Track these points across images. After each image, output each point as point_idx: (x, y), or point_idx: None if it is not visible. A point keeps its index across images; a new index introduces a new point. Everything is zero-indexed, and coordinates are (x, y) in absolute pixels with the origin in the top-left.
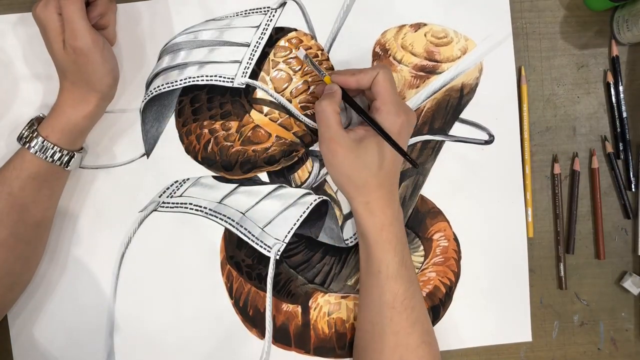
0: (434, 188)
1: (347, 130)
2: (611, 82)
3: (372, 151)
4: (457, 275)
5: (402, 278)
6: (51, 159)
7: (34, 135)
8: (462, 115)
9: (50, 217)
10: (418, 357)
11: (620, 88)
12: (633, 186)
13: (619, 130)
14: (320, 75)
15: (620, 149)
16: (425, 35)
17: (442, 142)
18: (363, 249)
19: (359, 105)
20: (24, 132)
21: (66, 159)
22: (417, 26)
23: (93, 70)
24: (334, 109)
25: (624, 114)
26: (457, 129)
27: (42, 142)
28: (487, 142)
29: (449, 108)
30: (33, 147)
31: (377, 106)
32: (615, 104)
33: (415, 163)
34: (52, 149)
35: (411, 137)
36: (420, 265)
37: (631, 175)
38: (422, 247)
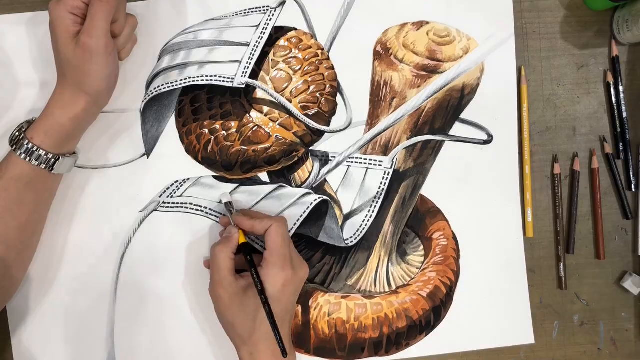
0: (434, 188)
1: (238, 277)
2: (611, 82)
3: (254, 303)
4: (457, 274)
5: None
6: (35, 162)
7: (21, 137)
8: (462, 115)
9: (36, 222)
10: None
11: (620, 88)
12: (633, 186)
13: (619, 130)
14: (231, 215)
15: (620, 149)
16: (427, 33)
17: (442, 142)
18: None
19: (251, 257)
20: (14, 133)
21: (51, 162)
22: (420, 24)
23: (90, 70)
24: (226, 255)
25: (624, 114)
26: (457, 129)
27: (27, 144)
28: (486, 142)
29: (450, 108)
30: (19, 149)
31: (265, 257)
32: (615, 104)
33: (284, 351)
34: (37, 151)
35: (412, 138)
36: (421, 265)
37: (631, 176)
38: (422, 247)
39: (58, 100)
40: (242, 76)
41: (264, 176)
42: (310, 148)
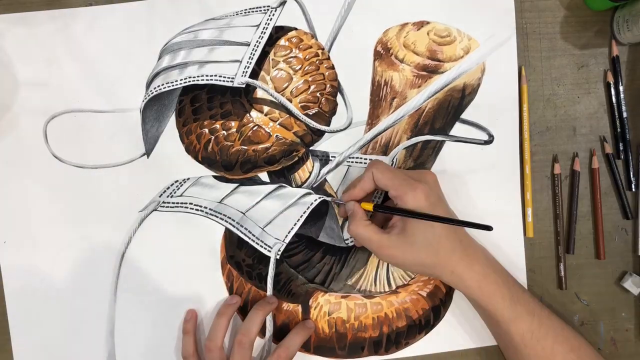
0: None
1: (389, 230)
2: (611, 82)
3: (419, 233)
4: None
5: (519, 316)
6: None
7: None
8: (463, 115)
9: None
10: None
11: (621, 88)
12: (633, 186)
13: (619, 130)
14: (337, 202)
15: (621, 149)
16: (428, 33)
17: (443, 142)
18: (476, 307)
19: (378, 205)
20: None
21: None
22: (420, 24)
23: None
24: (363, 225)
25: (624, 114)
26: (457, 129)
27: None
28: (486, 143)
29: (450, 108)
30: None
31: (392, 195)
32: (615, 104)
33: (484, 226)
34: None
35: (412, 138)
36: None
37: (631, 176)
38: None
39: None
40: (242, 76)
41: (264, 176)
42: (311, 148)
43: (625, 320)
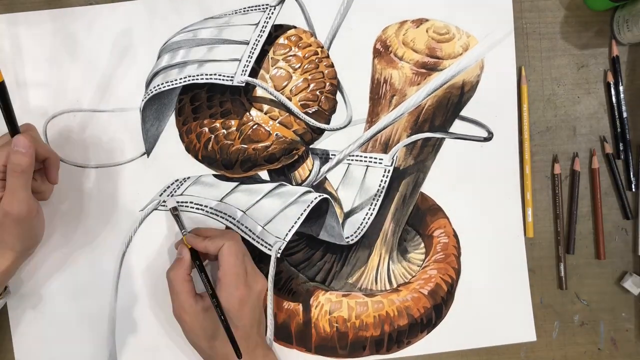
0: (434, 185)
1: (198, 299)
2: (611, 82)
3: (217, 322)
4: (458, 272)
5: None
6: None
7: None
8: (462, 113)
9: None
10: None
11: (621, 88)
12: (633, 186)
13: (619, 130)
14: (182, 232)
15: (621, 149)
16: (427, 31)
17: (442, 139)
18: None
19: (206, 275)
20: None
21: None
22: (419, 22)
23: (17, 234)
24: (182, 278)
25: (624, 114)
26: (457, 126)
27: None
28: (486, 140)
29: (450, 105)
30: None
31: (219, 276)
32: (615, 104)
33: (239, 353)
34: None
35: (412, 135)
36: (421, 262)
37: (631, 176)
38: (422, 245)
39: None
40: (241, 74)
41: (264, 174)
42: (311, 146)
43: (625, 320)
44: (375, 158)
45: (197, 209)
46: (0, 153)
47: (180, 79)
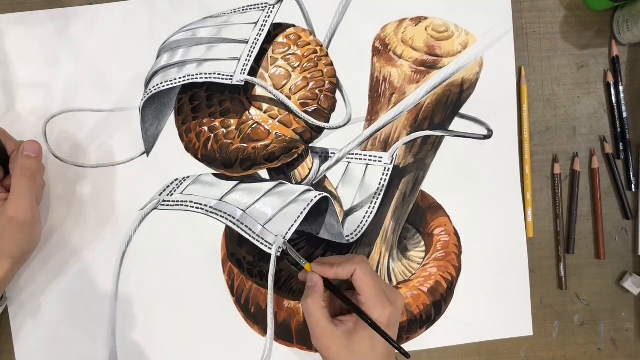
0: (434, 183)
1: (337, 323)
2: (611, 82)
3: (364, 344)
4: (458, 269)
5: None
6: None
7: None
8: (461, 110)
9: None
10: None
11: (621, 88)
12: (633, 186)
13: (619, 130)
14: (301, 263)
15: (621, 149)
16: (426, 29)
17: (442, 137)
18: None
19: (346, 297)
20: None
21: None
22: (418, 20)
23: (17, 240)
24: (319, 305)
25: (624, 114)
26: (456, 124)
27: None
28: (485, 137)
29: (449, 103)
30: None
31: (361, 300)
32: (615, 104)
33: (407, 354)
34: None
35: (412, 133)
36: (421, 260)
37: (631, 176)
38: (422, 243)
39: None
40: (241, 73)
41: (264, 173)
42: (310, 145)
43: (625, 320)
44: (375, 156)
45: (197, 208)
46: None
47: (180, 78)
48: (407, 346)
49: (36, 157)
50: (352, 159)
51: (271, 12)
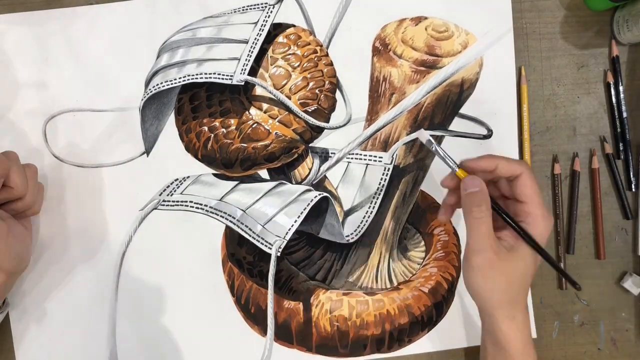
0: (434, 183)
1: (497, 238)
2: (611, 82)
3: (524, 263)
4: (458, 269)
5: None
6: None
7: None
8: (461, 110)
9: None
10: None
11: (621, 88)
12: (633, 186)
13: (619, 130)
14: (452, 167)
15: (621, 149)
16: (426, 29)
17: (442, 137)
18: (497, 358)
19: (507, 213)
20: None
21: None
22: (418, 20)
23: (7, 254)
24: (490, 213)
25: (624, 114)
26: (456, 124)
27: None
28: (485, 137)
29: (449, 103)
30: None
31: (526, 210)
32: (615, 104)
33: (578, 284)
34: None
35: (412, 133)
36: (422, 260)
37: (631, 176)
38: (422, 243)
39: None
40: (241, 73)
41: (264, 173)
42: (310, 145)
43: (625, 320)
44: (375, 156)
45: (197, 208)
46: None
47: (180, 78)
48: (409, 349)
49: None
50: (352, 159)
51: (271, 12)
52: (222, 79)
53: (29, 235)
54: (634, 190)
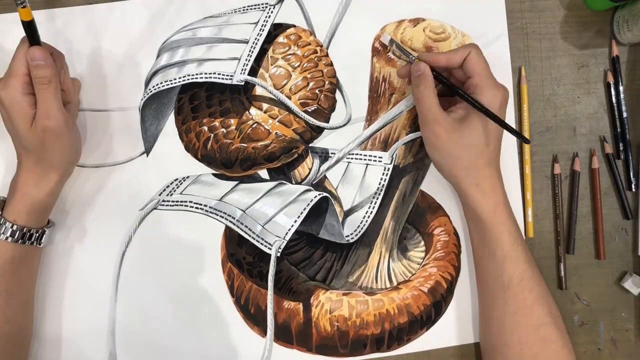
0: (434, 183)
1: (447, 111)
2: (611, 82)
3: (476, 129)
4: (458, 269)
5: (518, 259)
6: (23, 241)
7: (1, 221)
8: None
9: (33, 295)
10: (539, 338)
11: (621, 88)
12: (633, 186)
13: (619, 130)
14: (410, 59)
15: (621, 149)
16: (424, 30)
17: None
18: (475, 232)
19: (453, 84)
20: None
21: (38, 237)
22: (416, 21)
23: (59, 149)
24: (431, 90)
25: (624, 114)
26: None
27: (12, 227)
28: None
29: None
30: (3, 233)
31: (474, 83)
32: (615, 104)
33: (526, 139)
34: (22, 231)
35: (411, 133)
36: (421, 260)
37: (631, 176)
38: (422, 243)
39: (29, 178)
40: (241, 73)
41: (263, 173)
42: (310, 145)
43: (625, 320)
44: (375, 156)
45: (197, 208)
46: (21, 65)
47: (180, 78)
48: (407, 348)
49: (45, 63)
50: (352, 159)
51: (271, 12)
52: (222, 79)
53: (74, 127)
54: (634, 190)
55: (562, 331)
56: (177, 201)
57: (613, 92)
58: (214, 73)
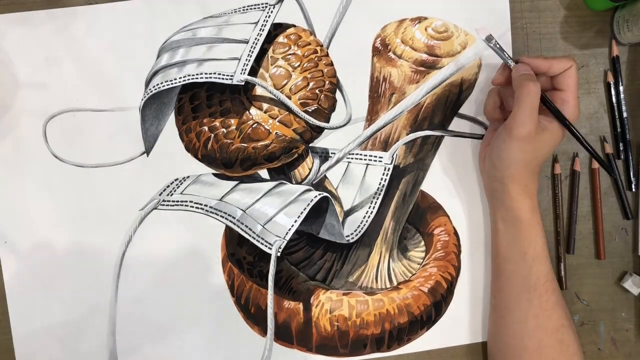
0: (434, 183)
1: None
2: (611, 82)
3: (554, 141)
4: (458, 269)
5: (546, 259)
6: None
7: None
8: (461, 110)
9: None
10: (557, 341)
11: (621, 88)
12: (633, 186)
13: (619, 130)
14: (509, 62)
15: (621, 149)
16: (425, 29)
17: (442, 137)
18: (506, 233)
19: (548, 98)
20: None
21: None
22: (418, 20)
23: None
24: (538, 93)
25: (624, 114)
26: (456, 124)
27: None
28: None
29: (449, 103)
30: None
31: (563, 97)
32: (615, 104)
33: (612, 170)
34: None
35: (412, 133)
36: (422, 260)
37: (631, 176)
38: (422, 243)
39: None
40: (241, 73)
41: (264, 173)
42: (310, 145)
43: (625, 320)
44: (375, 156)
45: (197, 208)
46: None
47: (180, 78)
48: (408, 348)
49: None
50: (352, 159)
51: (271, 12)
52: (223, 79)
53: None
54: (634, 190)
55: (576, 335)
56: (178, 201)
57: (613, 92)
58: (214, 73)
